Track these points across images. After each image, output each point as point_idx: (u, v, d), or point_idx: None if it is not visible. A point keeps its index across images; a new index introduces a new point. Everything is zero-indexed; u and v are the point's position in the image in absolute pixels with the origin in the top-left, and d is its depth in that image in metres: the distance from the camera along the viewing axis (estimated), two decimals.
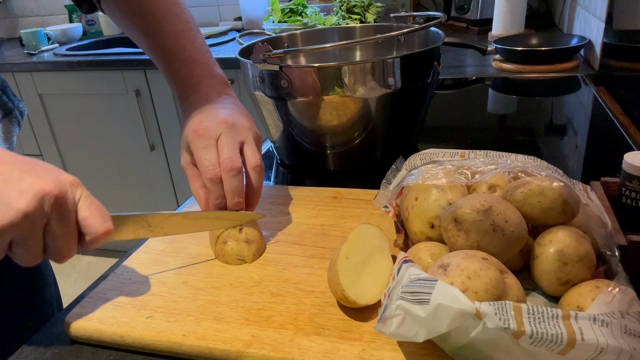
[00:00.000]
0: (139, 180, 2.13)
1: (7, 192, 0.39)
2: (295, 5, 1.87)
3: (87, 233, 0.44)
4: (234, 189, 0.55)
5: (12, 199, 0.39)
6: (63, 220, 0.42)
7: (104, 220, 0.45)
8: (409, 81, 0.70)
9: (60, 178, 0.42)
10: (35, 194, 0.40)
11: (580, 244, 0.43)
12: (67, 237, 0.43)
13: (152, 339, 0.45)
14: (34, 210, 0.40)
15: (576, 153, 0.81)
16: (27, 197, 0.39)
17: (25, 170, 0.41)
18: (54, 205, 0.41)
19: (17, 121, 0.66)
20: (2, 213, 0.38)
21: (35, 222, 0.40)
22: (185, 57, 0.65)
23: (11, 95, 0.66)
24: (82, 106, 2.03)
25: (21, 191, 0.39)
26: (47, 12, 2.63)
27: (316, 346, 0.42)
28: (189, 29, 0.66)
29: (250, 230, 0.56)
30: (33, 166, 0.42)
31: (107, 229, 0.45)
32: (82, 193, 0.44)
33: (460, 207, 0.44)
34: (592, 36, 1.26)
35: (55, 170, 0.43)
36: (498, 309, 0.35)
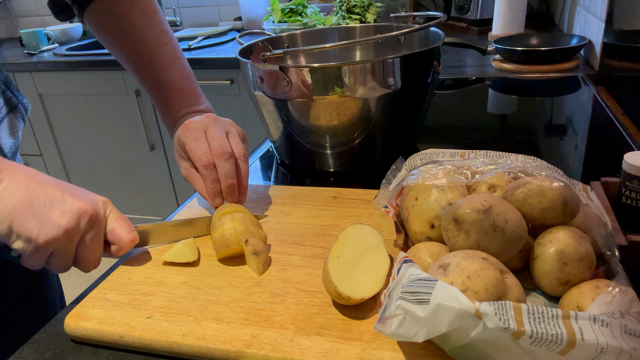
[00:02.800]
0: (139, 180, 2.13)
1: (52, 212, 0.46)
2: (295, 5, 1.87)
3: (115, 242, 0.52)
4: (226, 172, 0.60)
5: (56, 217, 0.46)
6: (94, 233, 0.50)
7: (129, 230, 0.53)
8: (409, 81, 0.70)
9: (94, 198, 0.51)
10: (74, 213, 0.47)
11: (580, 244, 0.43)
12: (97, 249, 0.51)
13: (152, 339, 0.45)
14: (73, 227, 0.47)
15: (576, 153, 0.81)
16: (68, 216, 0.47)
17: (66, 191, 0.48)
18: (89, 222, 0.49)
19: (22, 116, 0.67)
20: (47, 229, 0.46)
21: (72, 236, 0.47)
22: (175, 86, 0.68)
23: (15, 90, 0.67)
24: (82, 106, 2.03)
25: (63, 211, 0.47)
26: (47, 12, 2.63)
27: (316, 346, 0.42)
28: (177, 58, 0.69)
29: (256, 241, 0.54)
30: (71, 188, 0.49)
31: (132, 237, 0.53)
32: (112, 209, 0.53)
33: (460, 207, 0.44)
34: (592, 36, 1.26)
35: (88, 192, 0.51)
36: (498, 309, 0.35)
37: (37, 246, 0.46)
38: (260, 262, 0.53)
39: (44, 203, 0.46)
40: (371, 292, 0.46)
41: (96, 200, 0.50)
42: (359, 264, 0.48)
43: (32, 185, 0.47)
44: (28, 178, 0.47)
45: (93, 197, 0.51)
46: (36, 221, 0.45)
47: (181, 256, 0.55)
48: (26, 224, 0.45)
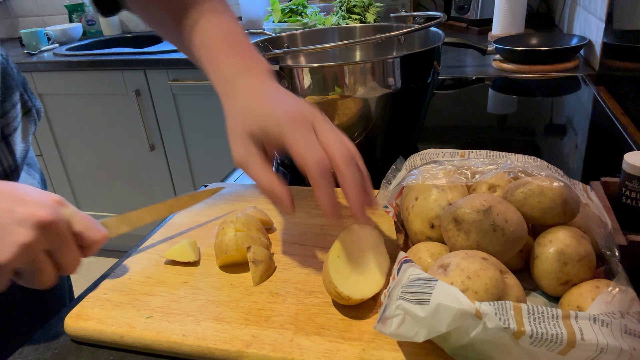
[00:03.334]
0: (139, 180, 2.13)
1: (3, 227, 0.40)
2: (295, 5, 1.87)
3: (86, 245, 0.47)
4: (355, 179, 0.45)
5: (10, 232, 0.40)
6: (62, 240, 0.44)
7: (97, 230, 0.48)
8: (409, 81, 0.70)
9: (48, 202, 0.43)
10: (30, 224, 0.41)
11: (580, 244, 0.43)
12: (70, 252, 0.45)
13: (152, 339, 0.45)
14: (34, 240, 0.41)
15: (576, 153, 0.81)
16: (23, 229, 0.40)
17: (13, 200, 0.42)
18: (50, 229, 0.42)
19: (34, 120, 0.66)
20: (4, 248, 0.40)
21: (35, 250, 0.42)
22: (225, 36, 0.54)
23: (30, 93, 0.66)
24: (82, 106, 2.03)
25: (16, 223, 0.40)
26: (47, 12, 2.63)
27: (316, 346, 0.42)
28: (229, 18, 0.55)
29: (258, 250, 0.52)
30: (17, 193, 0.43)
31: (102, 235, 0.48)
32: (70, 209, 0.46)
33: (460, 207, 0.44)
34: (592, 36, 1.25)
35: (38, 192, 0.44)
36: (498, 309, 0.35)
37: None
38: (257, 272, 0.51)
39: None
40: (371, 292, 0.46)
41: (50, 203, 0.43)
42: (359, 264, 0.48)
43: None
44: None
45: (45, 200, 0.43)
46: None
47: (183, 255, 0.55)
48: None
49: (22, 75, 0.66)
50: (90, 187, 2.19)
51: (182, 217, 0.66)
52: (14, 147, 0.60)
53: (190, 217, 0.66)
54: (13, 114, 0.60)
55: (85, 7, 2.48)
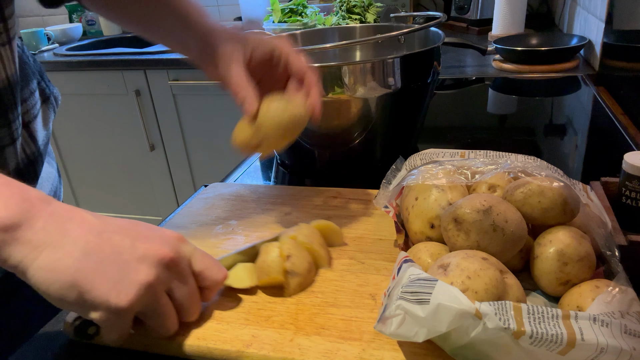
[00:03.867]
0: (139, 180, 2.13)
1: (124, 265, 0.38)
2: (295, 5, 1.87)
3: (207, 285, 0.45)
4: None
5: (132, 271, 0.38)
6: (184, 279, 0.42)
7: (218, 269, 0.45)
8: (409, 81, 0.70)
9: (169, 238, 0.42)
10: (152, 261, 0.39)
11: (580, 244, 0.43)
12: (192, 293, 0.43)
13: (152, 339, 0.45)
14: (156, 279, 0.39)
15: (576, 153, 0.81)
16: (146, 267, 0.39)
17: (134, 237, 0.40)
18: (172, 267, 0.41)
19: (53, 107, 0.66)
20: (127, 288, 0.37)
21: (158, 289, 0.40)
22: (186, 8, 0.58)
23: (47, 81, 0.66)
24: (82, 106, 2.03)
25: (138, 261, 0.39)
26: (47, 12, 2.63)
27: (316, 346, 0.42)
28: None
29: (298, 260, 0.49)
30: (138, 230, 0.41)
31: (224, 275, 0.46)
32: (191, 247, 0.44)
33: (460, 207, 0.44)
34: (592, 36, 1.25)
35: (159, 229, 0.43)
36: (498, 309, 0.35)
37: (119, 311, 0.37)
38: (292, 284, 0.48)
39: (114, 258, 0.38)
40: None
41: (171, 240, 0.42)
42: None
43: (92, 238, 0.38)
44: (85, 230, 0.38)
45: (166, 236, 0.42)
46: (110, 282, 0.37)
47: (238, 281, 0.49)
48: (99, 288, 0.37)
49: (39, 63, 0.66)
50: (90, 187, 2.19)
51: (182, 217, 0.66)
52: (35, 134, 0.60)
53: (190, 217, 0.66)
54: (32, 101, 0.60)
55: None
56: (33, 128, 0.60)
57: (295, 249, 0.50)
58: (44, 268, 0.36)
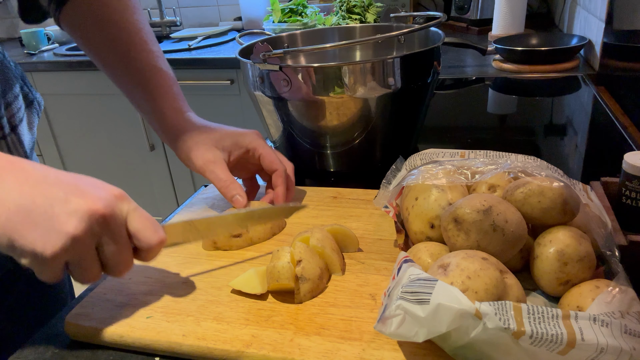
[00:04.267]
0: (139, 180, 2.13)
1: (55, 217, 0.39)
2: (295, 5, 1.87)
3: (141, 246, 0.45)
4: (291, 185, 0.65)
5: (61, 223, 0.39)
6: (114, 237, 0.42)
7: (154, 231, 0.45)
8: (409, 81, 0.70)
9: (106, 194, 0.42)
10: (82, 215, 0.40)
11: (580, 244, 0.43)
12: (122, 252, 0.43)
13: (152, 339, 0.45)
14: (83, 232, 0.40)
15: (576, 153, 0.81)
16: (75, 220, 0.39)
17: (70, 190, 0.41)
18: (103, 223, 0.41)
19: (37, 112, 0.67)
20: (53, 239, 0.39)
21: (86, 243, 0.40)
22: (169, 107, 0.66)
23: (29, 86, 0.67)
24: (82, 106, 2.03)
25: (69, 214, 0.39)
26: None
27: (316, 346, 0.42)
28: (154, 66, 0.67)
29: (309, 266, 0.48)
30: (77, 184, 0.42)
31: (160, 239, 0.45)
32: (130, 206, 0.44)
33: (460, 207, 0.44)
34: (592, 36, 1.26)
35: (99, 184, 0.43)
36: (498, 309, 0.35)
37: (45, 260, 0.39)
38: (302, 289, 0.47)
39: (45, 208, 0.39)
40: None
41: (108, 197, 0.42)
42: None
43: (27, 188, 0.40)
44: (21, 180, 0.40)
45: (104, 193, 0.42)
46: (38, 231, 0.39)
47: (249, 286, 0.49)
48: (27, 236, 0.39)
49: (20, 68, 0.66)
50: None
51: (182, 217, 0.66)
52: (22, 137, 0.61)
53: (190, 216, 0.65)
54: (17, 104, 0.61)
55: None
56: (19, 132, 0.60)
57: (306, 254, 0.49)
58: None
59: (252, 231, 0.58)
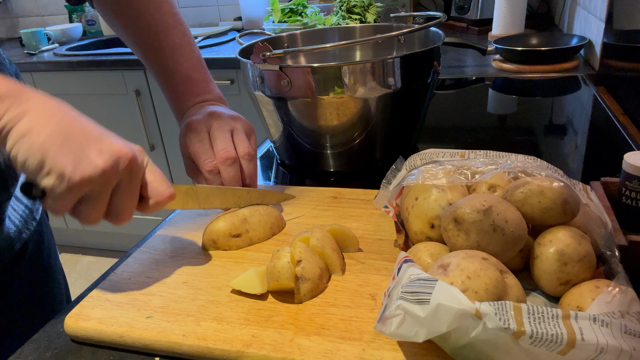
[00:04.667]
0: None
1: (88, 149, 0.42)
2: (295, 5, 1.87)
3: (152, 196, 0.48)
4: (230, 177, 0.59)
5: (93, 155, 0.42)
6: (132, 181, 0.46)
7: (167, 185, 0.49)
8: (409, 81, 0.70)
9: (131, 145, 0.46)
10: (112, 154, 0.43)
11: (580, 244, 0.43)
12: (132, 198, 0.46)
13: (152, 339, 0.45)
14: (110, 169, 0.43)
15: (576, 153, 0.81)
16: (105, 156, 0.42)
17: (104, 132, 0.45)
18: (127, 167, 0.44)
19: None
20: (84, 166, 0.41)
21: (109, 179, 0.43)
22: (182, 75, 0.66)
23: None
24: (82, 106, 2.01)
25: (101, 150, 0.42)
26: (47, 12, 2.63)
27: (316, 346, 0.42)
28: (186, 44, 0.67)
29: (309, 266, 0.48)
30: (107, 132, 0.46)
31: (170, 193, 0.49)
32: (148, 160, 0.49)
33: (460, 207, 0.44)
34: (592, 36, 1.25)
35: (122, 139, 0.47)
36: (498, 309, 0.35)
37: (71, 184, 0.41)
38: (302, 289, 0.47)
39: (81, 139, 0.42)
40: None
41: (133, 147, 0.46)
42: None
43: (67, 119, 0.43)
44: (62, 110, 0.44)
45: (130, 144, 0.46)
46: (72, 156, 0.41)
47: (249, 286, 0.49)
48: (60, 158, 0.41)
49: (15, 66, 0.66)
50: None
51: (182, 217, 0.66)
52: None
53: (190, 217, 0.66)
54: None
55: (86, 7, 2.48)
56: None
57: (306, 254, 0.49)
58: (20, 131, 0.41)
59: (251, 231, 0.58)
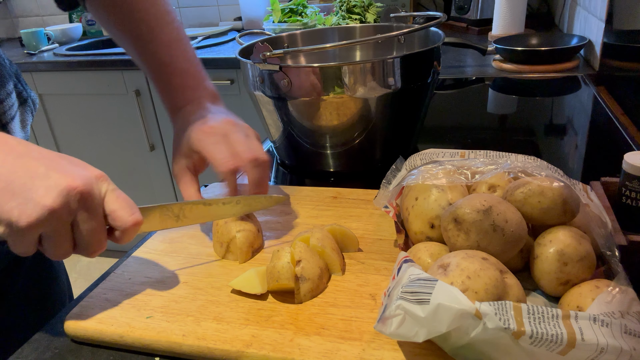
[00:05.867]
0: (139, 180, 2.13)
1: (33, 189, 0.40)
2: (295, 5, 1.87)
3: (116, 226, 0.45)
4: (259, 178, 0.57)
5: (39, 195, 0.40)
6: (90, 215, 0.43)
7: (131, 212, 0.45)
8: (409, 81, 0.70)
9: (86, 173, 0.43)
10: (61, 190, 0.40)
11: (580, 244, 0.43)
12: (96, 232, 0.44)
13: (152, 339, 0.45)
14: (60, 207, 0.40)
15: (576, 153, 0.81)
16: (53, 194, 0.40)
17: (52, 166, 0.42)
18: (80, 200, 0.42)
19: (31, 110, 0.66)
20: (30, 210, 0.39)
21: (61, 218, 0.41)
22: (177, 68, 0.65)
23: (24, 84, 0.67)
24: (82, 106, 2.03)
25: (47, 188, 0.40)
26: (47, 12, 2.63)
27: (316, 346, 0.42)
28: (181, 39, 0.66)
29: (309, 266, 0.48)
30: (59, 161, 0.43)
31: (135, 220, 0.46)
32: (109, 187, 0.45)
33: (460, 207, 0.44)
34: (592, 36, 1.25)
35: (81, 164, 0.44)
36: (498, 309, 0.35)
37: (20, 230, 0.40)
38: (302, 289, 0.47)
39: (25, 180, 0.40)
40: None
41: (88, 176, 0.43)
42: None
43: (10, 160, 0.41)
44: (5, 151, 0.42)
45: (84, 172, 0.43)
46: (16, 202, 0.39)
47: (249, 286, 0.49)
48: (4, 205, 0.39)
49: (15, 66, 0.66)
50: None
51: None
52: (13, 135, 0.60)
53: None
54: (9, 102, 0.61)
55: None
56: (11, 129, 0.60)
57: (306, 253, 0.49)
58: None
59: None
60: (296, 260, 0.48)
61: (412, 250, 0.48)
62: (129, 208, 0.45)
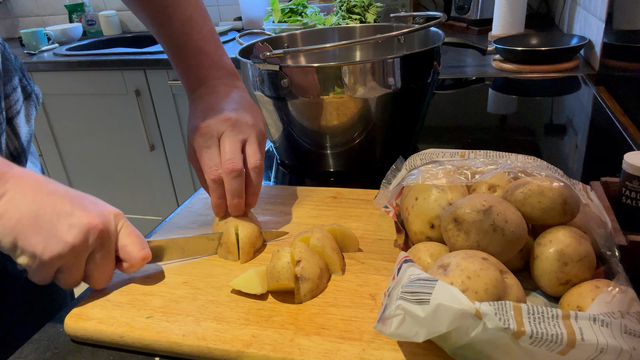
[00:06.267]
0: (139, 180, 2.13)
1: (59, 226, 0.44)
2: (295, 5, 1.87)
3: (126, 259, 0.50)
4: (234, 190, 0.57)
5: (63, 232, 0.44)
6: (104, 250, 0.48)
7: (141, 247, 0.50)
8: (409, 81, 0.70)
9: (105, 211, 0.48)
10: (82, 228, 0.45)
11: (580, 244, 0.43)
12: (106, 265, 0.49)
13: (152, 339, 0.45)
14: (80, 243, 0.45)
15: (576, 153, 0.81)
16: (75, 231, 0.45)
17: (75, 204, 0.46)
18: (98, 237, 0.46)
19: (35, 105, 0.67)
20: (53, 245, 0.44)
21: (80, 253, 0.46)
22: (193, 47, 0.63)
23: (28, 79, 0.67)
24: (82, 106, 2.03)
25: (70, 225, 0.45)
26: (47, 12, 2.63)
27: (316, 346, 0.42)
28: (197, 16, 0.64)
29: (309, 265, 0.48)
30: (82, 200, 0.47)
31: (144, 255, 0.50)
32: (124, 223, 0.50)
33: (460, 207, 0.44)
34: (592, 36, 1.25)
35: (101, 203, 0.49)
36: (498, 309, 0.35)
37: (42, 262, 0.44)
38: (302, 289, 0.48)
39: (51, 217, 0.44)
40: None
41: (107, 214, 0.48)
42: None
43: (40, 197, 0.45)
44: (36, 189, 0.45)
45: (104, 210, 0.48)
46: (42, 236, 0.43)
47: (249, 286, 0.49)
48: (31, 239, 0.43)
49: (20, 61, 0.66)
50: (90, 187, 2.19)
51: (182, 217, 0.66)
52: (18, 129, 0.61)
53: (190, 217, 0.66)
54: (15, 96, 0.61)
55: (85, 7, 2.48)
56: (16, 123, 0.61)
57: (306, 254, 0.49)
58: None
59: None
60: (296, 260, 0.48)
61: (412, 250, 0.48)
62: (139, 243, 0.50)
